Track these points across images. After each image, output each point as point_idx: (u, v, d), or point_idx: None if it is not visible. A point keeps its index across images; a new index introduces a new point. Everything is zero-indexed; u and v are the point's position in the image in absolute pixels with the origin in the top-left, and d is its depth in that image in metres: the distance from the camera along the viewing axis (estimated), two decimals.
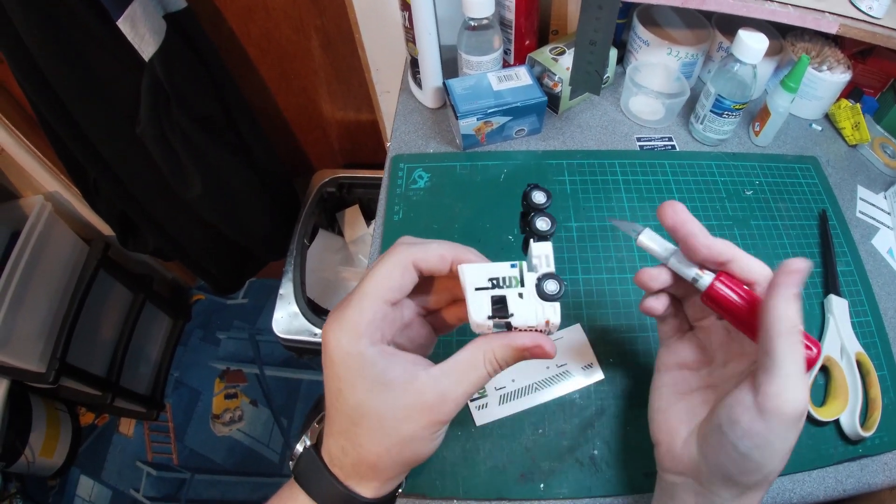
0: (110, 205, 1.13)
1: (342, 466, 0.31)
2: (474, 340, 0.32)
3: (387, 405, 0.29)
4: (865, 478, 0.51)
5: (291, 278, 1.10)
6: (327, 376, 0.30)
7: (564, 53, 0.71)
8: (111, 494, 1.50)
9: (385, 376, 0.30)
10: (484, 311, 0.31)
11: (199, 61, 0.92)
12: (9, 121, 1.09)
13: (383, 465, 0.31)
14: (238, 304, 1.79)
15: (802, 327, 0.30)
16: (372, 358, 0.29)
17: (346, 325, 0.30)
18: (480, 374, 0.31)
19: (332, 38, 1.01)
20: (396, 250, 0.32)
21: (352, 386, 0.29)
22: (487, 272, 0.32)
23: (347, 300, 0.31)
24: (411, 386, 0.30)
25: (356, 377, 0.29)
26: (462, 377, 0.31)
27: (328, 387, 0.31)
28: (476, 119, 0.66)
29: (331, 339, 0.30)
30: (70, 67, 0.83)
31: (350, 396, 0.29)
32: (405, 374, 0.30)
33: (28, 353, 1.18)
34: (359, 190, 1.27)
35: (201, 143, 0.95)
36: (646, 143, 0.73)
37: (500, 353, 0.32)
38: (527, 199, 0.36)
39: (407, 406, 0.30)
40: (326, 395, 0.31)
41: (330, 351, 0.30)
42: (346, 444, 0.30)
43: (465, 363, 0.31)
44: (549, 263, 0.34)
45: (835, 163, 0.74)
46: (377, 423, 0.30)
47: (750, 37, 0.62)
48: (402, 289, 0.32)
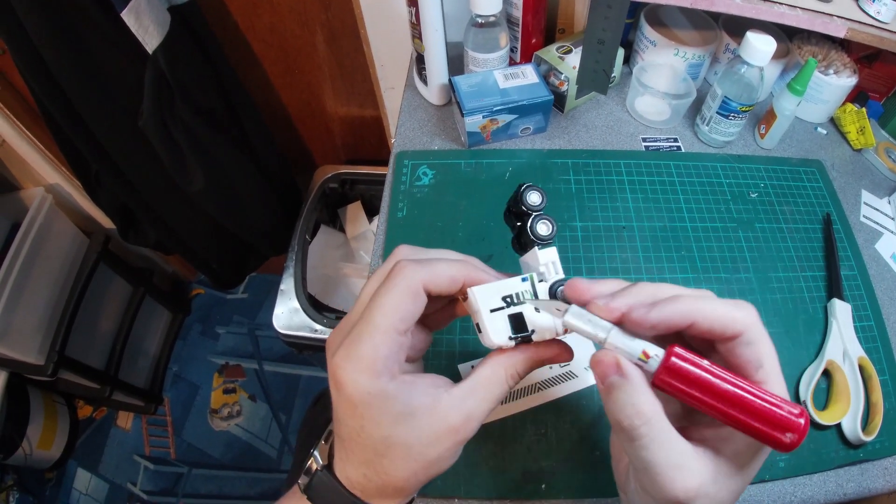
0: (112, 197, 1.12)
1: (364, 490, 0.30)
2: (493, 356, 0.32)
3: (414, 434, 0.29)
4: (866, 482, 0.51)
5: (292, 274, 1.09)
6: (344, 414, 0.29)
7: (571, 52, 0.71)
8: (108, 488, 1.50)
9: (409, 406, 0.29)
10: (504, 333, 0.30)
11: (202, 55, 0.91)
12: (10, 112, 1.09)
13: (409, 486, 0.30)
14: (238, 298, 1.79)
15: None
16: (394, 393, 0.28)
17: (362, 363, 0.28)
18: (503, 389, 0.31)
19: (337, 34, 1.01)
20: (403, 274, 0.29)
21: (376, 423, 0.28)
22: (499, 291, 0.31)
23: (357, 334, 0.29)
24: (436, 411, 0.29)
25: (380, 415, 0.28)
26: (486, 395, 0.31)
27: (346, 423, 0.29)
28: (482, 117, 0.66)
29: (347, 380, 0.28)
30: (73, 59, 0.83)
31: (375, 432, 0.28)
32: (428, 400, 0.29)
33: (27, 346, 1.18)
34: (361, 186, 1.27)
35: (204, 136, 0.94)
36: (651, 144, 0.73)
37: (522, 367, 0.31)
38: (520, 199, 0.34)
39: (434, 431, 0.29)
40: (343, 430, 0.30)
41: (348, 392, 0.28)
42: (369, 472, 0.30)
43: (487, 381, 0.31)
44: (558, 270, 0.33)
45: (839, 167, 0.74)
46: (404, 452, 0.29)
47: (758, 39, 0.62)
48: (414, 316, 0.30)
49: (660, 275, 0.61)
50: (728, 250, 0.63)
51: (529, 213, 0.34)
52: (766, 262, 0.63)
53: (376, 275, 0.32)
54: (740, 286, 0.61)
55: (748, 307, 0.28)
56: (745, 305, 0.28)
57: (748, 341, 0.27)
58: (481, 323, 0.31)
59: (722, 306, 0.28)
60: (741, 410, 0.26)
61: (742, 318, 0.27)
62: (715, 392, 0.26)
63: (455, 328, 0.56)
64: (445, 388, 0.30)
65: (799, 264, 0.63)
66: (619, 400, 0.27)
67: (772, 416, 0.25)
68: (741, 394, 0.26)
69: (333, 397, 0.30)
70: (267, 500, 1.44)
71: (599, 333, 0.28)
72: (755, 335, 0.27)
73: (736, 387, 0.26)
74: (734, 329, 0.27)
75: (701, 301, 0.28)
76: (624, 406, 0.27)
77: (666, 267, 0.62)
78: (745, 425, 0.26)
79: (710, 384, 0.26)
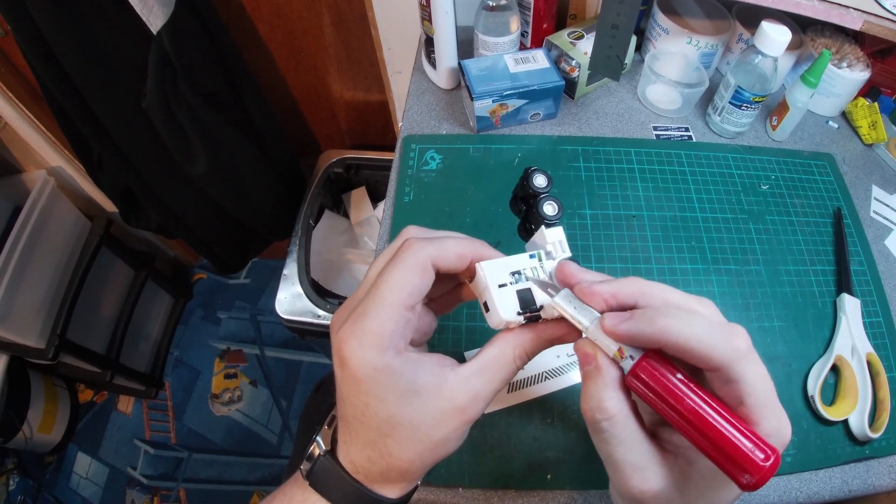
0: (114, 181, 1.12)
1: (368, 474, 0.30)
2: (501, 335, 0.31)
3: (419, 413, 0.28)
4: (871, 479, 0.51)
5: (296, 259, 1.09)
6: (349, 392, 0.28)
7: (582, 38, 0.70)
8: (108, 472, 1.50)
9: (415, 385, 0.28)
10: (512, 309, 0.30)
11: (207, 36, 0.90)
12: (13, 94, 1.08)
13: (414, 469, 0.30)
14: (240, 283, 1.79)
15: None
16: (400, 369, 0.28)
17: (368, 338, 0.27)
18: (511, 369, 0.30)
19: (345, 16, 1.00)
20: (412, 250, 0.29)
21: (381, 400, 0.28)
22: (507, 267, 0.31)
23: (363, 309, 0.28)
24: (442, 390, 0.29)
25: (385, 391, 0.28)
26: (493, 375, 0.30)
27: (351, 402, 0.29)
28: (491, 101, 0.65)
29: (352, 355, 0.28)
30: (77, 40, 0.82)
31: (380, 410, 0.28)
32: (434, 379, 0.29)
33: (28, 329, 1.17)
34: (366, 171, 1.26)
35: (208, 118, 0.93)
36: (662, 133, 0.72)
37: (530, 346, 0.31)
38: (527, 182, 0.34)
39: (439, 411, 0.29)
40: (347, 409, 0.29)
41: (352, 367, 0.28)
42: (374, 454, 0.29)
43: (494, 360, 0.30)
44: (565, 248, 0.33)
45: (850, 161, 0.73)
46: (410, 432, 0.28)
47: (773, 29, 0.61)
48: (422, 292, 0.29)
49: (669, 265, 0.60)
50: (738, 242, 0.63)
51: (536, 195, 0.34)
52: (777, 255, 0.62)
53: (384, 253, 0.31)
54: (750, 278, 0.60)
55: (735, 341, 0.25)
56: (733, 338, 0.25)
57: (726, 379, 0.25)
58: (489, 299, 0.30)
59: (701, 333, 0.25)
60: (701, 435, 0.24)
61: (721, 354, 0.25)
62: (680, 409, 0.25)
63: (461, 314, 0.56)
64: (452, 368, 0.30)
65: (809, 258, 0.63)
66: (587, 391, 0.27)
67: (732, 450, 0.24)
68: (706, 419, 0.24)
69: (337, 375, 0.29)
70: (267, 486, 1.45)
71: (583, 321, 0.28)
72: (735, 374, 0.25)
73: (702, 410, 0.25)
74: (708, 363, 0.25)
75: (681, 322, 0.25)
76: (590, 398, 0.27)
77: (676, 257, 0.61)
78: (705, 451, 0.25)
79: (677, 399, 0.25)
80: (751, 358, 0.25)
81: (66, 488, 1.48)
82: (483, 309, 0.32)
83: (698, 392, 0.25)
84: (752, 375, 0.25)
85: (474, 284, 0.32)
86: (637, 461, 0.26)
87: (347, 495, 0.30)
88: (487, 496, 0.48)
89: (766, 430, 0.25)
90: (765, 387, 0.25)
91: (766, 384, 0.25)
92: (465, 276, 0.33)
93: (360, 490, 0.30)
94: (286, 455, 1.49)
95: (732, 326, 0.26)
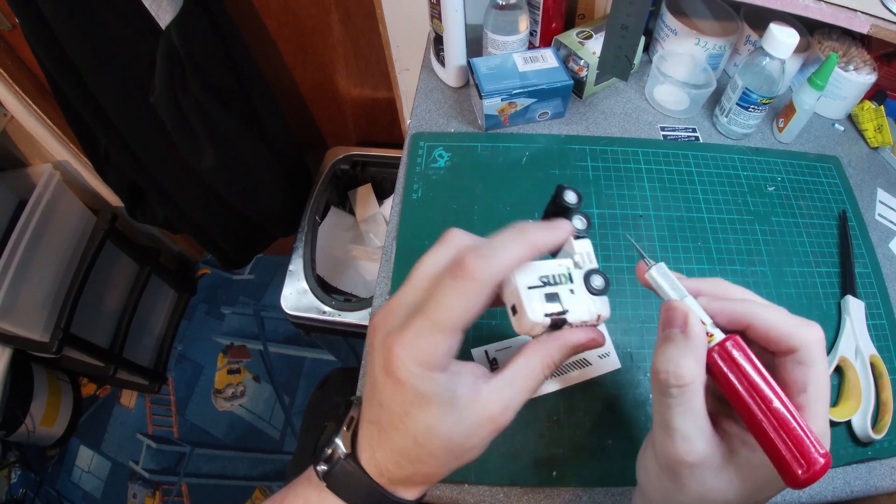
0: (120, 175, 1.12)
1: (392, 478, 0.30)
2: (528, 345, 0.32)
3: (456, 424, 0.29)
4: (873, 480, 0.51)
5: (301, 255, 1.09)
6: (390, 399, 0.29)
7: (591, 38, 0.70)
8: (110, 466, 1.51)
9: (455, 396, 0.29)
10: (540, 311, 0.31)
11: (215, 31, 0.90)
12: (19, 87, 1.08)
13: (438, 475, 0.31)
14: (244, 279, 1.79)
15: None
16: (444, 384, 0.29)
17: (422, 357, 0.28)
18: (539, 379, 0.31)
19: (353, 13, 1.00)
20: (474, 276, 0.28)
21: (423, 410, 0.28)
22: (538, 271, 0.32)
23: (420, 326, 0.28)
24: (477, 402, 0.29)
25: (429, 404, 0.28)
26: (523, 384, 0.31)
27: (389, 408, 0.29)
28: (500, 99, 0.66)
29: (402, 367, 0.28)
30: (85, 33, 0.82)
31: (420, 420, 0.28)
32: (471, 391, 0.30)
33: (32, 323, 1.18)
34: (372, 168, 1.26)
35: (215, 114, 0.93)
36: (669, 133, 0.73)
37: (557, 355, 0.31)
38: (558, 198, 0.36)
39: (474, 422, 0.29)
40: (383, 414, 0.29)
41: (400, 378, 0.28)
42: (403, 460, 0.30)
43: (524, 370, 0.31)
44: (592, 260, 0.34)
45: (856, 164, 0.73)
46: (445, 442, 0.29)
47: (781, 31, 0.61)
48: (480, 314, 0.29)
49: (675, 265, 0.61)
50: (744, 243, 0.63)
51: (567, 210, 0.35)
52: (782, 257, 0.63)
53: (432, 258, 0.31)
54: (755, 279, 0.61)
55: (814, 330, 0.27)
56: (812, 327, 0.28)
57: (800, 360, 0.27)
58: (517, 301, 0.31)
59: (785, 319, 0.28)
60: (767, 419, 0.25)
61: (801, 335, 0.27)
62: (753, 390, 0.26)
63: None
64: (485, 379, 0.31)
65: (814, 259, 0.63)
66: (666, 352, 0.28)
67: (796, 439, 0.25)
68: (775, 404, 0.26)
69: (378, 380, 0.29)
70: (269, 482, 1.45)
71: (674, 294, 0.30)
72: (809, 357, 0.27)
73: (775, 395, 0.26)
74: (788, 343, 0.27)
75: (764, 308, 0.28)
76: (668, 361, 0.28)
77: (682, 257, 0.61)
78: (765, 437, 0.25)
79: (752, 381, 0.26)
80: (823, 350, 0.27)
81: (68, 482, 1.49)
82: (510, 313, 0.32)
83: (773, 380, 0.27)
84: (820, 364, 0.27)
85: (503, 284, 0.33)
86: (690, 432, 0.27)
87: (366, 497, 0.30)
88: (493, 492, 0.49)
89: (816, 429, 0.26)
90: (826, 383, 0.27)
91: (827, 383, 0.27)
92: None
93: (380, 493, 0.30)
94: (288, 451, 1.49)
95: (810, 320, 0.28)
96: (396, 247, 0.61)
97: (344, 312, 1.02)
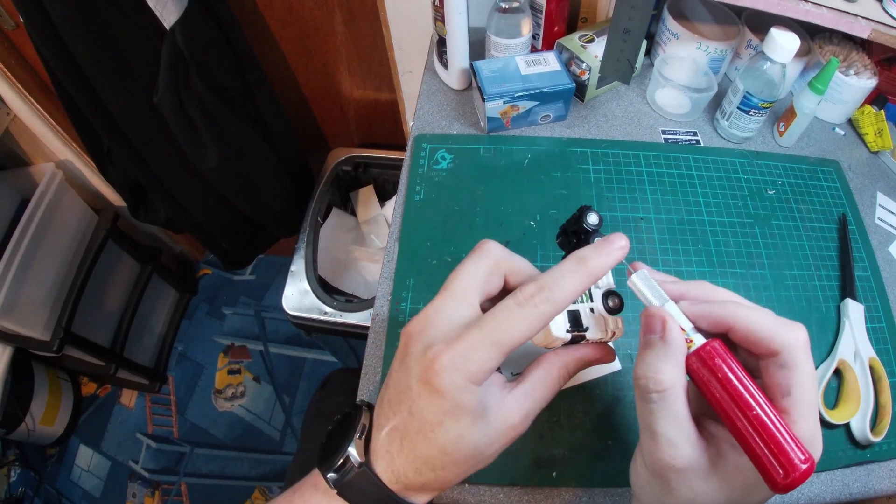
0: (123, 174, 1.12)
1: (409, 484, 0.31)
2: (547, 357, 0.33)
3: (482, 434, 0.30)
4: (871, 483, 0.52)
5: (303, 255, 1.09)
6: (425, 408, 0.29)
7: (593, 41, 0.71)
8: (110, 465, 1.51)
9: (485, 408, 0.30)
10: (562, 327, 0.33)
11: (220, 32, 0.91)
12: (22, 86, 1.09)
13: (454, 482, 0.31)
14: (245, 280, 1.79)
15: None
16: (481, 396, 0.29)
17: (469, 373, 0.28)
18: (555, 388, 0.33)
19: (356, 15, 1.00)
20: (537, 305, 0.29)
21: (457, 422, 0.29)
22: None
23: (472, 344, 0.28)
24: (501, 412, 0.30)
25: (464, 415, 0.29)
26: (541, 394, 0.32)
27: (422, 417, 0.29)
28: (503, 102, 0.66)
29: (449, 384, 0.28)
30: (90, 33, 0.82)
31: (452, 430, 0.29)
32: (496, 401, 0.31)
33: (33, 321, 1.18)
34: (374, 170, 1.27)
35: (219, 114, 0.94)
36: (671, 137, 0.73)
37: (572, 366, 0.33)
38: (581, 219, 0.37)
39: (497, 431, 0.30)
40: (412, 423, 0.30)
41: (442, 390, 0.28)
42: (424, 468, 0.30)
43: (542, 380, 0.32)
44: (609, 280, 0.36)
45: (856, 168, 0.74)
46: (469, 451, 0.30)
47: (782, 36, 0.62)
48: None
49: (676, 267, 0.61)
50: (744, 246, 0.63)
51: (588, 231, 0.37)
52: (782, 260, 0.63)
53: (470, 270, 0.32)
54: (755, 282, 0.61)
55: (797, 332, 0.27)
56: (795, 329, 0.27)
57: (782, 363, 0.27)
58: None
59: (767, 321, 0.27)
60: (747, 425, 0.25)
61: (783, 337, 0.27)
62: (733, 395, 0.26)
63: None
64: (507, 389, 0.32)
65: (814, 263, 0.63)
66: (646, 358, 0.28)
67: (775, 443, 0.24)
68: (755, 409, 0.25)
69: (413, 389, 0.29)
70: (268, 482, 1.45)
71: (655, 301, 0.30)
72: (792, 359, 0.27)
73: (755, 400, 0.26)
74: (770, 346, 0.27)
75: (746, 310, 0.28)
76: (648, 367, 0.28)
77: (682, 260, 0.62)
78: (745, 442, 0.25)
79: (731, 386, 0.26)
80: (807, 352, 0.27)
81: (68, 481, 1.49)
82: None
83: (753, 384, 0.26)
84: (805, 366, 0.27)
85: None
86: (674, 437, 0.27)
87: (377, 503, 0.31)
88: (493, 492, 0.49)
89: (802, 431, 0.26)
90: (811, 385, 0.27)
91: (813, 384, 0.27)
92: None
93: (394, 499, 0.31)
94: (288, 451, 1.49)
95: (793, 322, 0.28)
96: (399, 248, 0.61)
97: (345, 313, 1.02)
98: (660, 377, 0.27)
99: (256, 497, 1.43)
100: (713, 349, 0.27)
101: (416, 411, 0.29)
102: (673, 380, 0.27)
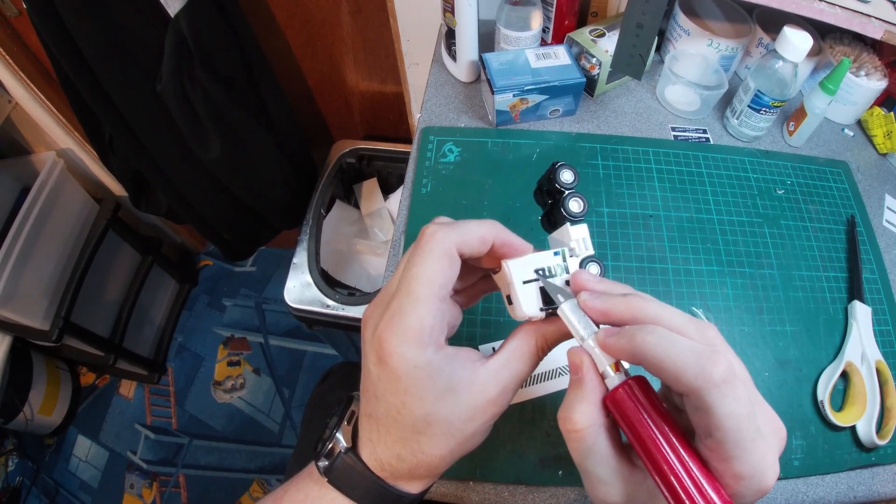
0: (125, 163, 1.11)
1: (394, 472, 0.30)
2: (523, 327, 0.32)
3: (454, 409, 0.28)
4: (876, 486, 0.52)
5: (306, 248, 1.09)
6: (386, 390, 0.28)
7: (604, 36, 0.70)
8: (108, 455, 1.51)
9: (451, 381, 0.28)
10: (535, 304, 0.30)
11: (225, 21, 0.90)
12: (24, 74, 1.08)
13: (443, 465, 0.30)
14: (246, 271, 1.79)
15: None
16: (439, 365, 0.28)
17: (409, 335, 0.28)
18: (534, 360, 0.31)
19: (363, 6, 0.99)
20: (435, 239, 0.29)
21: (419, 399, 0.28)
22: (532, 263, 0.31)
23: (398, 306, 0.28)
24: (475, 385, 0.29)
25: (425, 389, 0.28)
26: (519, 366, 0.31)
27: (386, 400, 0.29)
28: (512, 95, 0.65)
29: (393, 353, 0.28)
30: (94, 20, 0.81)
31: (417, 408, 0.28)
32: (468, 374, 0.29)
33: (32, 311, 1.18)
34: (378, 162, 1.26)
35: (222, 104, 0.93)
36: (680, 134, 0.72)
37: (551, 337, 0.31)
38: (553, 177, 0.34)
39: (473, 406, 0.29)
40: (380, 407, 0.29)
41: (393, 366, 0.28)
42: (404, 452, 0.29)
43: (519, 352, 0.31)
44: (588, 246, 0.33)
45: (864, 170, 0.73)
46: (445, 428, 0.29)
47: (795, 34, 0.61)
48: (452, 281, 0.30)
49: (685, 265, 0.61)
50: (753, 245, 0.63)
51: (562, 190, 0.34)
52: (790, 260, 0.63)
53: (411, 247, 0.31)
54: (763, 282, 0.61)
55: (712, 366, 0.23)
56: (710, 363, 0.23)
57: (696, 406, 0.24)
58: (513, 294, 0.31)
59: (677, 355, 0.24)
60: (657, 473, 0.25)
61: (690, 378, 0.24)
62: (643, 439, 0.25)
63: (477, 308, 0.56)
64: (481, 362, 0.30)
65: (822, 264, 0.63)
66: (566, 399, 0.28)
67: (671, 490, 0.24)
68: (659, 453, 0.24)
69: (373, 373, 0.29)
70: (267, 475, 1.45)
71: (581, 332, 0.28)
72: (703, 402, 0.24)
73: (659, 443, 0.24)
74: (678, 385, 0.24)
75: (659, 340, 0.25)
76: (566, 408, 0.27)
77: (691, 258, 0.61)
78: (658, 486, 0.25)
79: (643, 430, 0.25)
80: (725, 390, 0.23)
81: (66, 471, 1.49)
82: (506, 301, 0.32)
83: (667, 425, 0.25)
84: (723, 408, 0.23)
85: (499, 277, 0.33)
86: (602, 475, 0.26)
87: (368, 492, 0.30)
88: (498, 491, 0.49)
89: (738, 470, 0.24)
90: (738, 424, 0.23)
91: (741, 421, 0.23)
92: (490, 265, 0.33)
93: (383, 487, 0.30)
94: (287, 444, 1.49)
95: (715, 354, 0.24)
96: (405, 240, 0.61)
97: (347, 306, 1.02)
98: (574, 417, 0.26)
99: (255, 489, 1.43)
100: (625, 391, 0.26)
101: (380, 395, 0.29)
102: (587, 421, 0.26)
